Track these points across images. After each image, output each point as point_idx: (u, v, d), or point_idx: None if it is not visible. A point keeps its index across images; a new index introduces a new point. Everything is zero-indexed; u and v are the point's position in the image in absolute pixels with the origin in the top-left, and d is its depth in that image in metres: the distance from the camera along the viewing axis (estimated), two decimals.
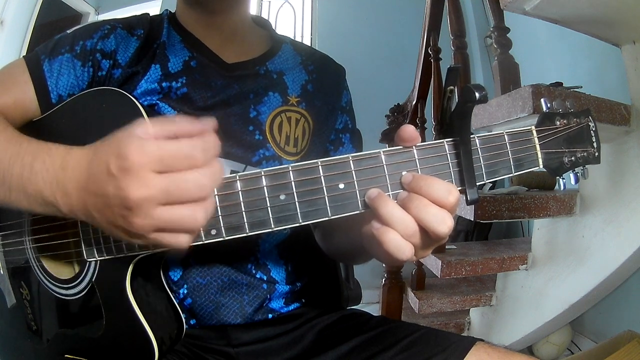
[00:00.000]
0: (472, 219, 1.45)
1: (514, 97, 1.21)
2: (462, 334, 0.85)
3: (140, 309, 0.56)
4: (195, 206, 0.42)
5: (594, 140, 0.53)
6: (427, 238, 0.46)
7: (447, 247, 1.76)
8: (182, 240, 0.43)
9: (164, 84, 0.68)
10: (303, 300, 0.77)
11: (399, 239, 0.44)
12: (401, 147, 0.48)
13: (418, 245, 0.46)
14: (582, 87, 1.39)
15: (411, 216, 0.44)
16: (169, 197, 0.40)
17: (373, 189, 0.47)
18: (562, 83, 1.44)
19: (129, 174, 0.40)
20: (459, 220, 2.80)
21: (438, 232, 0.44)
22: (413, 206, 0.45)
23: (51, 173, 0.47)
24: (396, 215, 0.45)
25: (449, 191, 0.44)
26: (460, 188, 0.48)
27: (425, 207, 0.44)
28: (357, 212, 0.48)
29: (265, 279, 0.72)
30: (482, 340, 0.65)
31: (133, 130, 0.41)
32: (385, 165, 0.47)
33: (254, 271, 0.71)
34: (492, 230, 2.85)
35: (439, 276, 1.61)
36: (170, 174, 0.40)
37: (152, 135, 0.41)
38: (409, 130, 0.48)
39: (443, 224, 0.44)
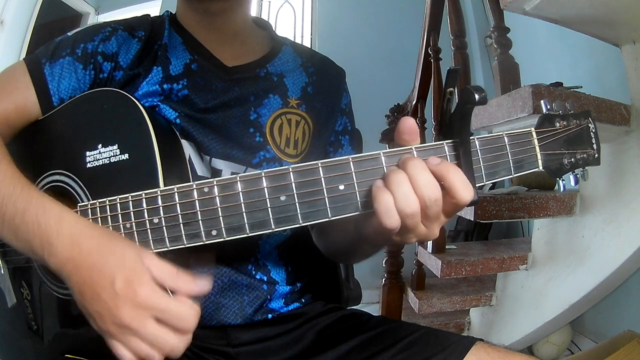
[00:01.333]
0: (472, 219, 1.45)
1: (514, 97, 1.21)
2: (462, 334, 0.85)
3: None
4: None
5: (593, 141, 0.53)
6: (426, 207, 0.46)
7: (447, 247, 1.76)
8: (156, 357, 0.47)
9: (165, 86, 0.68)
10: (303, 301, 0.77)
11: (391, 204, 0.45)
12: (401, 148, 0.48)
13: (416, 216, 0.46)
14: (582, 87, 1.39)
15: (409, 179, 0.45)
16: (154, 340, 0.46)
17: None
18: (562, 83, 1.44)
19: (130, 303, 0.45)
20: (459, 220, 2.81)
21: (430, 196, 0.45)
22: (410, 164, 0.45)
23: (43, 230, 0.49)
24: (399, 179, 0.45)
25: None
26: None
27: (420, 170, 0.45)
28: (357, 213, 0.48)
29: (265, 279, 0.72)
30: (482, 340, 0.65)
31: (142, 260, 0.47)
32: (385, 167, 0.48)
33: (254, 272, 0.71)
34: (492, 230, 2.85)
35: (439, 276, 1.61)
36: (163, 326, 0.46)
37: (154, 277, 0.47)
38: (408, 122, 0.48)
39: (435, 189, 0.45)
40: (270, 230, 0.48)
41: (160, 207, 0.50)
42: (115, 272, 0.46)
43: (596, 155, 0.53)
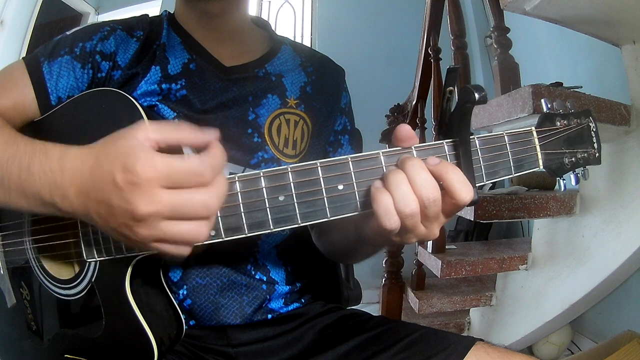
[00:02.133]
0: (472, 219, 1.45)
1: (514, 97, 1.21)
2: (462, 334, 0.85)
3: (139, 309, 0.56)
4: (200, 222, 0.42)
5: (594, 140, 0.52)
6: (424, 207, 0.46)
7: (447, 247, 1.76)
8: (183, 251, 0.44)
9: (163, 86, 0.68)
10: (303, 301, 0.77)
11: (390, 204, 0.45)
12: (400, 148, 0.48)
13: (415, 217, 0.46)
14: (582, 87, 1.39)
15: (408, 180, 0.45)
16: (175, 213, 0.41)
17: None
18: (562, 83, 1.44)
19: (137, 188, 0.40)
20: (459, 220, 2.80)
21: (429, 196, 0.45)
22: (409, 164, 0.45)
23: (49, 175, 0.46)
24: (397, 179, 0.45)
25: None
26: None
27: (418, 170, 0.45)
28: (356, 213, 0.48)
29: (264, 279, 0.72)
30: (482, 340, 0.65)
31: (136, 136, 0.42)
32: (384, 167, 0.47)
33: (253, 272, 0.71)
34: (492, 230, 2.85)
35: (439, 276, 1.61)
36: (178, 190, 0.41)
37: (155, 142, 0.42)
38: (404, 129, 0.48)
39: (434, 189, 0.45)
40: (269, 231, 0.48)
41: None
42: (112, 169, 0.41)
43: (597, 155, 0.53)
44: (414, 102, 2.13)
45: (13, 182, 0.49)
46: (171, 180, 0.40)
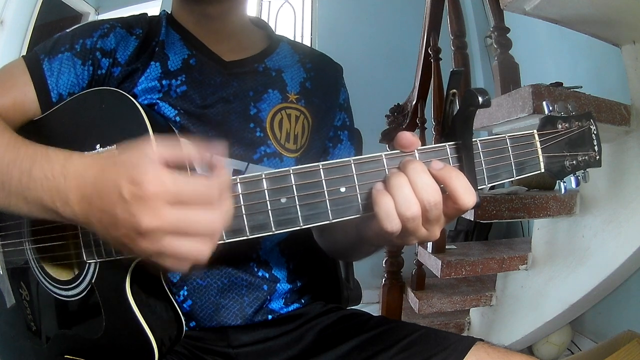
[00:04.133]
0: (472, 219, 1.45)
1: (514, 97, 1.21)
2: (462, 334, 0.85)
3: (139, 310, 0.56)
4: (202, 241, 0.42)
5: (595, 143, 0.52)
6: (425, 210, 0.46)
7: (447, 247, 1.76)
8: (182, 267, 0.44)
9: (163, 82, 0.68)
10: (303, 301, 0.77)
11: (392, 207, 0.45)
12: (403, 151, 0.48)
13: (416, 220, 0.46)
14: (582, 87, 1.39)
15: (410, 183, 0.45)
16: (178, 230, 0.41)
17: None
18: (562, 83, 1.44)
19: (142, 201, 0.40)
20: (459, 220, 2.80)
21: (430, 199, 0.45)
22: (410, 167, 0.45)
23: (50, 180, 0.46)
24: (399, 182, 0.45)
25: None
26: None
27: (419, 173, 0.45)
28: (358, 215, 0.48)
29: (267, 277, 0.72)
30: (482, 340, 0.65)
31: (144, 151, 0.42)
32: (387, 169, 0.47)
33: (255, 269, 0.71)
34: (492, 230, 2.85)
35: (439, 276, 1.61)
36: (184, 209, 0.41)
37: (163, 158, 0.42)
38: (406, 136, 0.48)
39: (435, 192, 0.45)
40: (270, 233, 0.48)
41: None
42: (119, 180, 0.41)
43: (597, 157, 0.53)
44: (414, 102, 2.13)
45: (14, 186, 0.49)
46: (177, 198, 0.41)
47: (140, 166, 0.41)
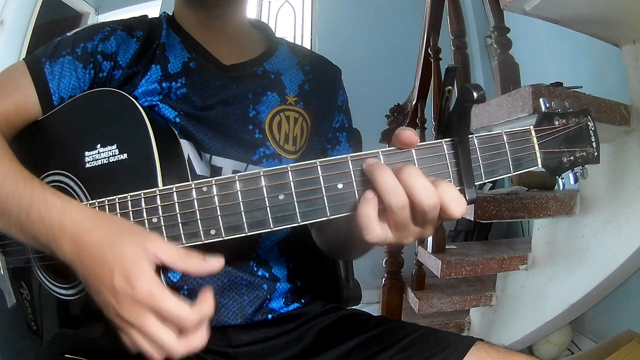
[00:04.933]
0: (472, 219, 1.45)
1: (514, 97, 1.21)
2: (462, 334, 0.85)
3: None
4: (157, 350, 0.46)
5: (593, 140, 0.53)
6: (417, 213, 0.45)
7: (447, 247, 1.76)
8: (154, 355, 0.46)
9: (164, 84, 0.68)
10: (303, 301, 0.77)
11: (374, 215, 0.45)
12: (399, 148, 0.48)
13: (408, 222, 0.46)
14: (582, 87, 1.39)
15: (402, 186, 0.45)
16: (147, 332, 0.45)
17: (370, 158, 0.48)
18: (562, 83, 1.44)
19: (129, 300, 0.44)
20: (459, 220, 2.80)
21: (425, 203, 0.44)
22: (406, 172, 0.45)
23: (47, 226, 0.49)
24: (390, 182, 0.45)
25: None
26: (459, 188, 0.48)
27: (416, 176, 0.45)
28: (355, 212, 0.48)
29: (267, 276, 0.72)
30: (482, 340, 0.65)
31: (146, 247, 0.46)
32: None
33: (255, 268, 0.71)
34: (492, 230, 2.85)
35: (439, 276, 1.61)
36: (162, 322, 0.45)
37: (160, 262, 0.46)
38: (407, 134, 0.48)
39: (433, 194, 0.44)
40: (269, 230, 0.48)
41: (159, 207, 0.50)
42: (114, 267, 0.45)
43: (595, 154, 0.53)
44: (414, 102, 2.13)
45: (13, 218, 0.52)
46: (159, 313, 0.45)
47: (136, 267, 0.45)
